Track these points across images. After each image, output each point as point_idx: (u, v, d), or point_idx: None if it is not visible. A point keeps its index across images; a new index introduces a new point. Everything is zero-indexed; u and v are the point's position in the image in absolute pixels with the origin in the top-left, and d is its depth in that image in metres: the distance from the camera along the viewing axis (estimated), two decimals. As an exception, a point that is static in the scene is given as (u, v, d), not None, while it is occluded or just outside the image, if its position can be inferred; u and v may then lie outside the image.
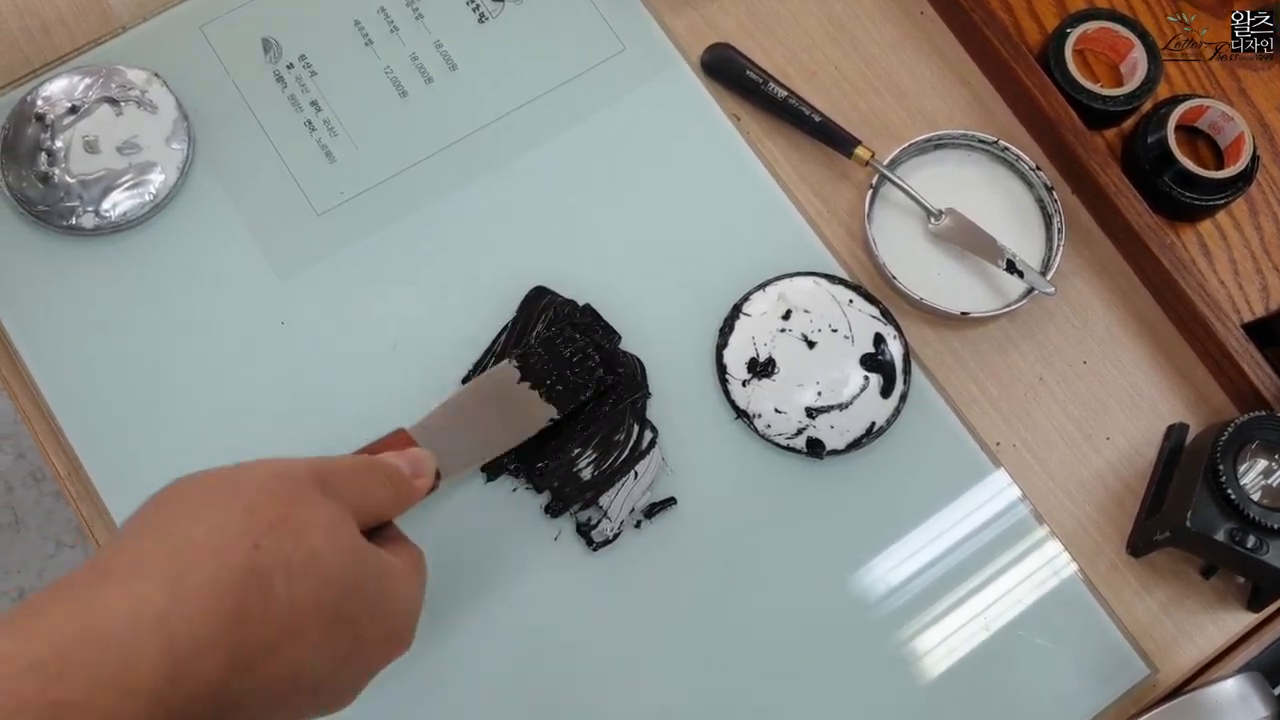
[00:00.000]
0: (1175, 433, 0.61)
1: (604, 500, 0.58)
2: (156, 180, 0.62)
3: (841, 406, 0.60)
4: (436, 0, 0.67)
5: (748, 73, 0.65)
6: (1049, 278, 0.62)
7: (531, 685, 0.57)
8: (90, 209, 0.61)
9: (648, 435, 0.60)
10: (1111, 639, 0.59)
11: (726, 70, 0.66)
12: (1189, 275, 0.61)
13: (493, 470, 0.59)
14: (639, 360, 0.61)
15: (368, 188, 0.64)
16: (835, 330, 0.61)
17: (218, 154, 0.64)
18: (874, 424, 0.60)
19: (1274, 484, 0.55)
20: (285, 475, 0.41)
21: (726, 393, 0.60)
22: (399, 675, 0.56)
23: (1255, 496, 0.54)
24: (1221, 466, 0.54)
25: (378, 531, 0.46)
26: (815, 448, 0.59)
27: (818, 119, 0.64)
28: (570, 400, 0.57)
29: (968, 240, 0.63)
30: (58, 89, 0.63)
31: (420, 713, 0.56)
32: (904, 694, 0.57)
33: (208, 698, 0.34)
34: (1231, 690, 0.53)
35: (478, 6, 0.67)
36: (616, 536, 0.58)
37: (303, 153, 0.64)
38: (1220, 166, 0.66)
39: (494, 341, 0.61)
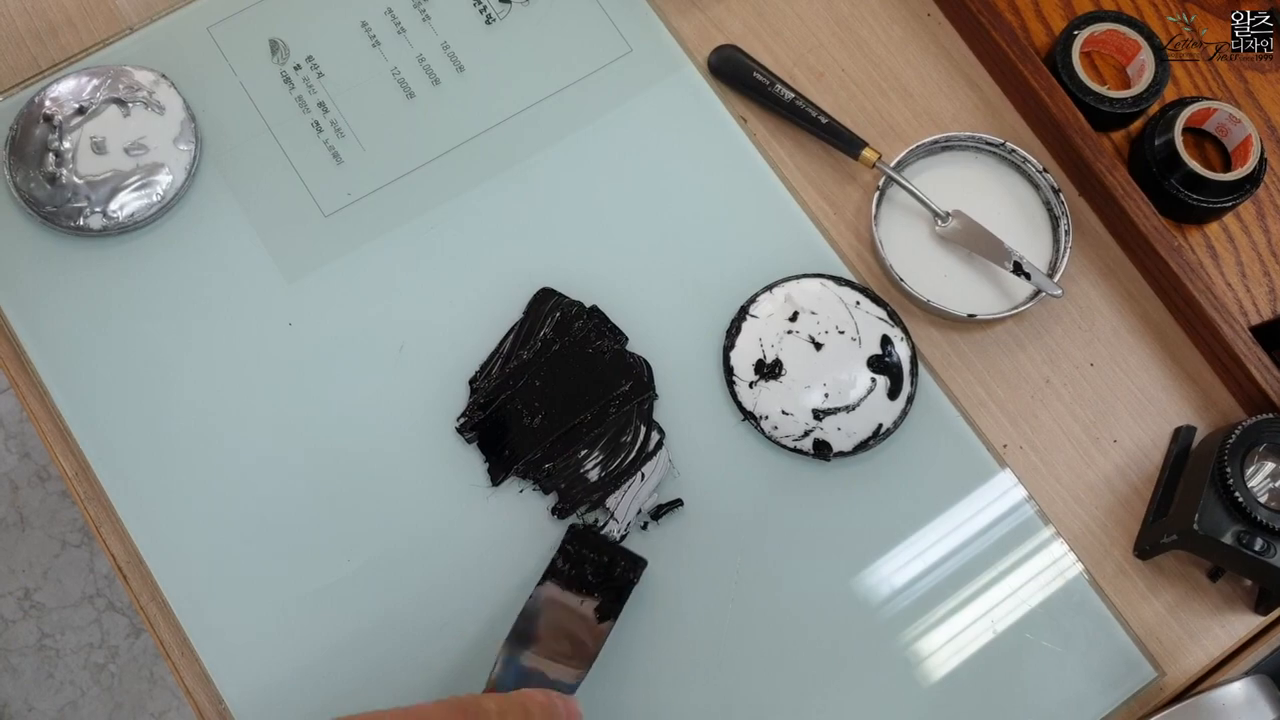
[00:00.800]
0: (1182, 435, 0.61)
1: (611, 502, 0.58)
2: (164, 181, 0.62)
3: (848, 408, 0.60)
4: (443, 2, 0.67)
5: (755, 74, 0.65)
6: (1056, 280, 0.62)
7: (538, 686, 0.57)
8: (98, 210, 0.61)
9: (654, 437, 0.60)
10: (1118, 641, 0.59)
11: (733, 72, 0.66)
12: (1196, 278, 0.61)
13: (499, 472, 0.59)
14: (646, 362, 0.61)
15: (375, 189, 0.64)
16: (842, 332, 0.61)
17: (225, 155, 0.64)
18: (881, 426, 0.60)
19: (1281, 487, 0.55)
20: None
21: (733, 394, 0.60)
22: (402, 680, 0.56)
23: (1263, 499, 0.54)
24: (1229, 469, 0.54)
25: None
26: (822, 449, 0.59)
27: (825, 120, 0.64)
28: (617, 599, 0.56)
29: (975, 242, 0.63)
30: (65, 90, 0.63)
31: (427, 714, 0.56)
32: (910, 695, 0.57)
33: None
34: (1239, 693, 0.53)
35: (485, 8, 0.67)
36: (623, 538, 0.58)
37: (310, 154, 0.64)
38: (1228, 169, 0.66)
39: (501, 343, 0.61)
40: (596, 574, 0.56)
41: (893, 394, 0.60)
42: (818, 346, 0.61)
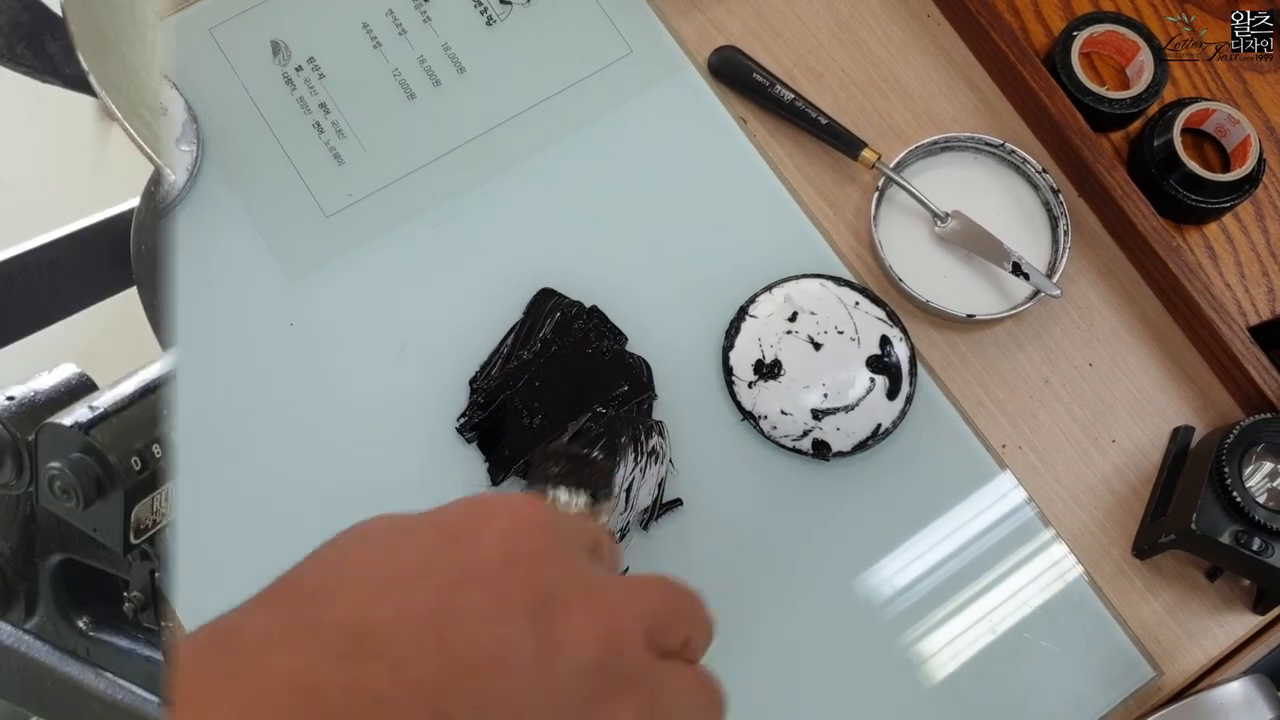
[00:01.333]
0: (1181, 435, 0.61)
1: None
2: (166, 182, 0.62)
3: (847, 408, 0.60)
4: (444, 3, 0.68)
5: (754, 75, 0.65)
6: (1055, 280, 0.62)
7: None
8: (100, 210, 0.62)
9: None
10: (1117, 641, 0.59)
11: (733, 73, 0.66)
12: (1195, 278, 0.61)
13: (499, 472, 0.59)
14: (645, 362, 0.61)
15: (376, 190, 0.64)
16: (841, 332, 0.61)
17: (227, 156, 0.64)
18: (880, 426, 0.60)
19: (1279, 486, 0.55)
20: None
21: (732, 394, 0.60)
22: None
23: (1260, 499, 0.54)
24: (1227, 469, 0.54)
25: None
26: (821, 449, 0.59)
27: (824, 121, 0.64)
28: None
29: (974, 243, 0.63)
30: (68, 91, 0.63)
31: None
32: (909, 696, 0.57)
33: None
34: (1237, 693, 0.53)
35: (485, 9, 0.68)
36: (623, 537, 0.58)
37: (311, 155, 0.65)
38: (1226, 169, 0.66)
39: (501, 343, 0.61)
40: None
41: (892, 394, 0.60)
42: (817, 347, 0.61)
